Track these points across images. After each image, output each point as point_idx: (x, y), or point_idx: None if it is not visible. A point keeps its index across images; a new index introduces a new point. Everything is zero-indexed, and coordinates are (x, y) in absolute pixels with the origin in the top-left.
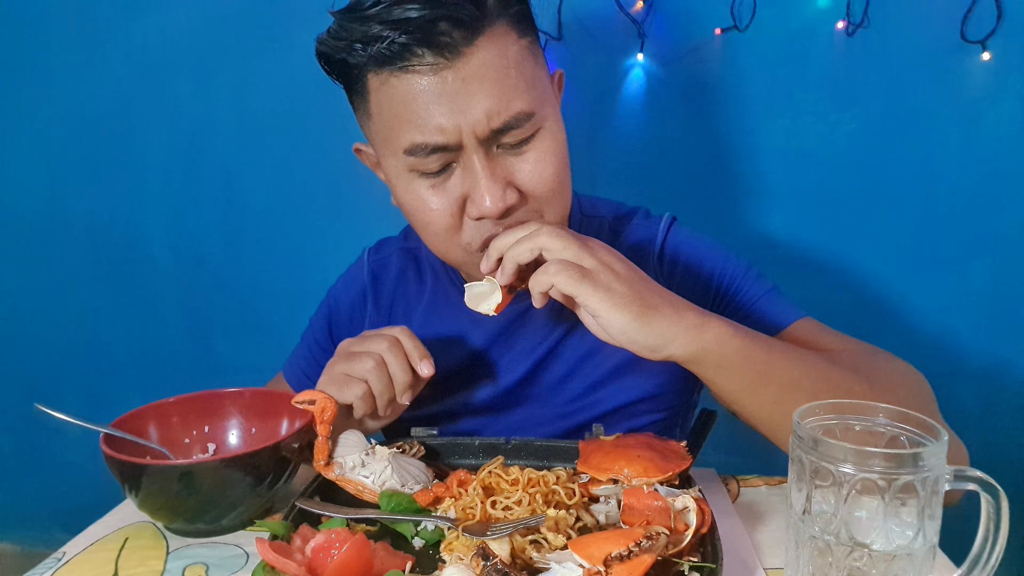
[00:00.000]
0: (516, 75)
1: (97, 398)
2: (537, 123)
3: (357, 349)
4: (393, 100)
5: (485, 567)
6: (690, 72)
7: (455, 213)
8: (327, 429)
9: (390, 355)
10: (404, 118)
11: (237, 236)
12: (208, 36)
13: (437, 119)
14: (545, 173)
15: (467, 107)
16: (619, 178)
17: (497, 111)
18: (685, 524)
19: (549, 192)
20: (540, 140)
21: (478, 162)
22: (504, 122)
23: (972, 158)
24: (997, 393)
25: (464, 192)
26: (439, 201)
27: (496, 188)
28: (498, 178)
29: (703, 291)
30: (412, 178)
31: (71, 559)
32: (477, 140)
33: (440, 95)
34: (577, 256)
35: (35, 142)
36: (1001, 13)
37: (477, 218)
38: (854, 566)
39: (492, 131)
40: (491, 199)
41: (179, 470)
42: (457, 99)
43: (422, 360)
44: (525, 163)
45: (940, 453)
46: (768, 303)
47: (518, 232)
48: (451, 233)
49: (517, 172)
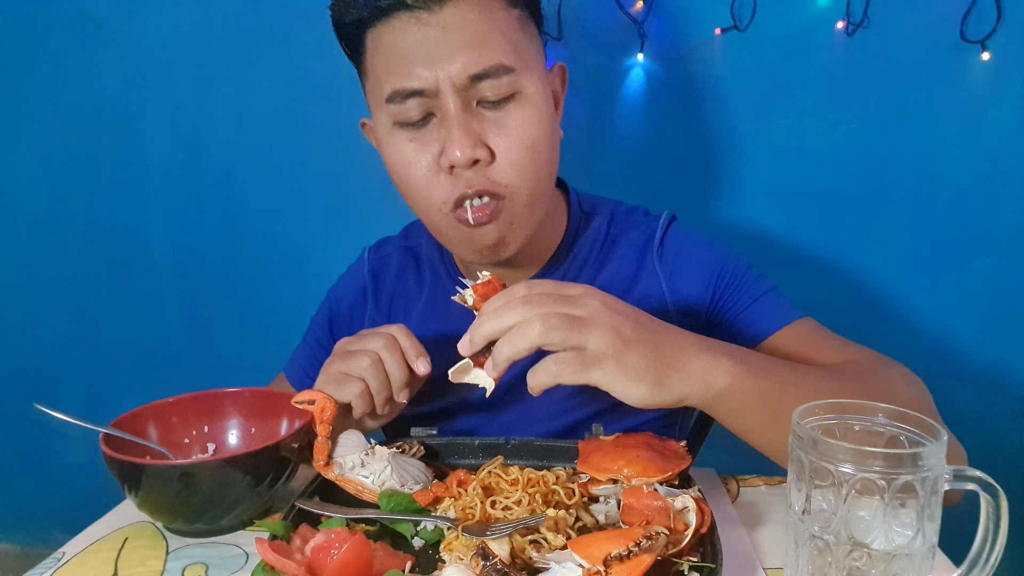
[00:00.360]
0: (499, 35)
1: (97, 398)
2: (517, 84)
3: (354, 348)
4: (381, 52)
5: (485, 567)
6: (690, 72)
7: (431, 167)
8: (327, 429)
9: (386, 353)
10: (389, 67)
11: (237, 236)
12: (208, 36)
13: (416, 66)
14: (519, 138)
15: (445, 55)
16: (619, 178)
17: (475, 60)
18: (685, 524)
19: (519, 159)
20: (520, 105)
21: (453, 111)
22: (481, 69)
23: (972, 158)
24: (997, 394)
25: (441, 145)
26: (417, 154)
27: (466, 138)
28: (471, 130)
29: (703, 289)
30: (395, 131)
31: (71, 559)
32: (453, 88)
33: (420, 43)
34: (579, 341)
35: (35, 141)
36: (1001, 13)
37: (449, 168)
38: (853, 566)
39: (469, 78)
40: (460, 148)
41: (179, 470)
42: (436, 46)
43: (419, 358)
44: (500, 124)
45: (939, 453)
46: (768, 303)
47: (505, 316)
48: (429, 189)
49: (491, 131)
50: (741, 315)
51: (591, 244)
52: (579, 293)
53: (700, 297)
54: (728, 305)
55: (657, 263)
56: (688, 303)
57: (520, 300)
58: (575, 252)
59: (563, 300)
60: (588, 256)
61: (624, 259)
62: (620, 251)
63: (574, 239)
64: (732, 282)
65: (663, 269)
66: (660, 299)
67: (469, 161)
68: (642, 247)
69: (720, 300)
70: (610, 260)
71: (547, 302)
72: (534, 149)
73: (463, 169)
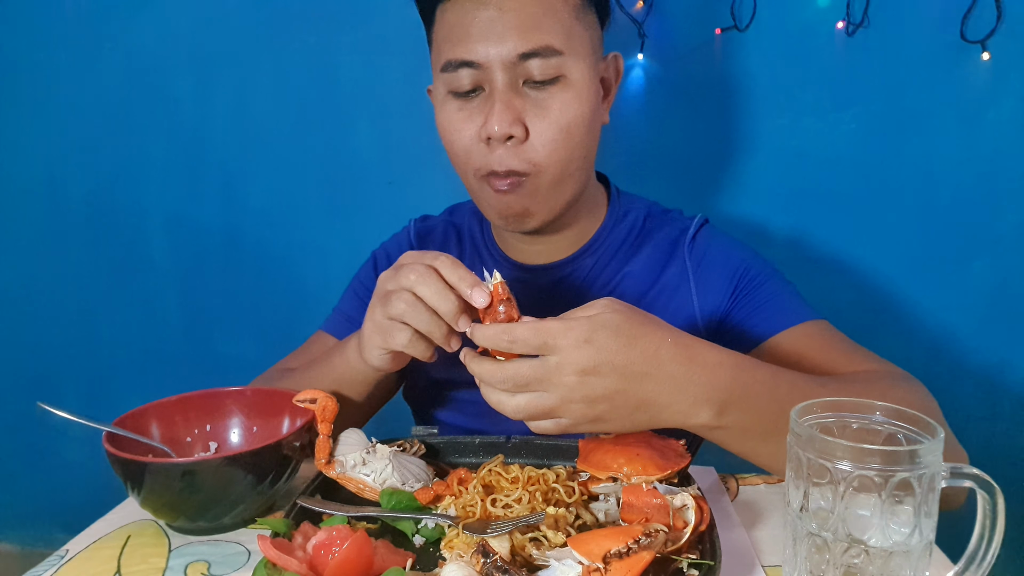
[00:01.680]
0: (552, 19)
1: (97, 397)
2: (563, 67)
3: (391, 287)
4: (444, 25)
5: (485, 564)
6: (690, 72)
7: (473, 136)
8: (328, 428)
9: (423, 287)
10: (448, 39)
11: (237, 236)
12: (208, 36)
13: (471, 41)
14: (556, 120)
15: (498, 33)
16: (619, 178)
17: (525, 40)
18: (684, 522)
19: (552, 140)
20: (563, 88)
21: (499, 87)
22: (529, 49)
23: (972, 158)
24: (997, 393)
25: (484, 117)
26: (463, 123)
27: (506, 113)
28: (512, 107)
29: (726, 285)
30: (448, 99)
31: (74, 557)
32: (502, 64)
33: (478, 20)
34: (555, 417)
35: (35, 140)
36: (1001, 13)
37: (486, 139)
38: (851, 563)
39: (517, 56)
40: (499, 122)
41: (181, 468)
42: (491, 25)
43: (473, 289)
44: (541, 105)
45: (936, 450)
46: (781, 301)
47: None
48: (469, 155)
49: (531, 111)
50: (755, 312)
51: (625, 234)
52: (556, 362)
53: (722, 292)
54: (745, 301)
55: (687, 257)
56: (710, 297)
57: (501, 375)
58: (609, 240)
59: (538, 381)
60: (621, 245)
61: (656, 250)
62: (653, 243)
63: (610, 229)
64: (753, 280)
65: (692, 262)
66: (686, 291)
67: (504, 136)
68: (674, 240)
69: (738, 296)
70: (642, 250)
71: (522, 384)
72: (568, 132)
73: (498, 143)
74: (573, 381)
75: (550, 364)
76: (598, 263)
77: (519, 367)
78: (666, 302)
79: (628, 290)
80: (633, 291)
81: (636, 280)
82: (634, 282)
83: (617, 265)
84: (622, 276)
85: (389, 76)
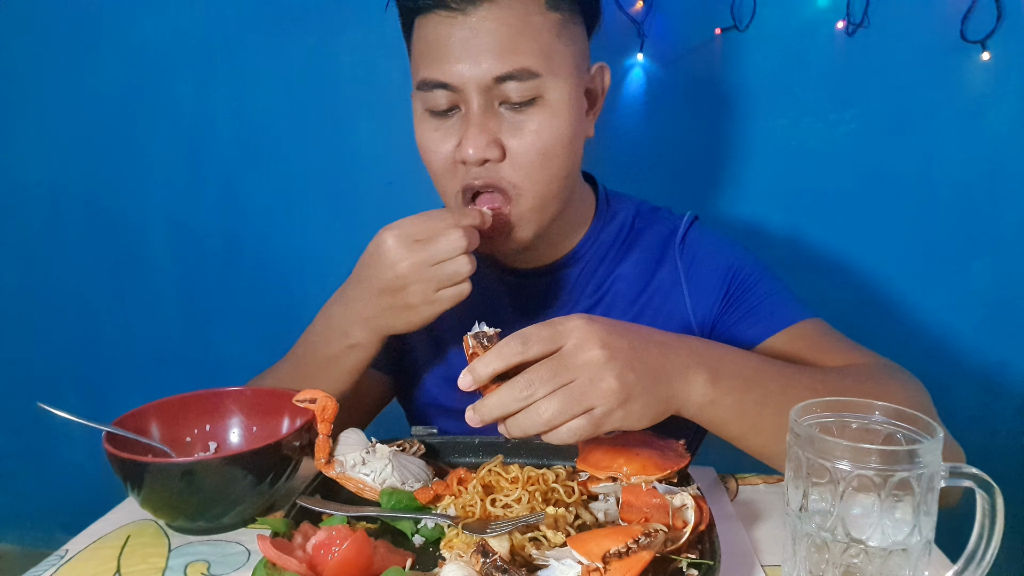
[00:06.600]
0: (529, 39)
1: (97, 397)
2: (541, 88)
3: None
4: (420, 41)
5: (485, 564)
6: (690, 72)
7: (448, 156)
8: (328, 427)
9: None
10: (425, 56)
11: (237, 236)
12: (208, 36)
13: (445, 62)
14: (532, 143)
15: (472, 55)
16: (619, 178)
17: (500, 63)
18: (683, 521)
19: (529, 163)
20: (541, 110)
21: (474, 109)
22: (504, 72)
23: (972, 158)
24: (997, 393)
25: (460, 138)
26: (439, 143)
27: (480, 137)
28: (487, 129)
29: (718, 285)
30: (425, 118)
31: (74, 556)
32: (477, 87)
33: (452, 40)
34: (586, 408)
35: (35, 141)
36: (1001, 13)
37: (461, 161)
38: (850, 562)
39: (492, 79)
40: (473, 145)
41: (181, 468)
42: (465, 46)
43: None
44: (518, 127)
45: (935, 450)
46: (775, 302)
47: (510, 393)
48: (446, 178)
49: (507, 132)
50: (747, 315)
51: (615, 235)
52: (573, 344)
53: (714, 295)
54: (737, 305)
55: (678, 257)
56: (703, 300)
57: (522, 382)
58: (599, 243)
59: (562, 369)
60: (611, 247)
61: (646, 251)
62: (643, 244)
63: (599, 231)
64: (746, 280)
65: (683, 263)
66: (679, 294)
67: (479, 160)
68: (664, 241)
69: (730, 299)
70: (632, 251)
71: (547, 379)
72: (546, 155)
73: (473, 165)
74: (597, 355)
75: (568, 348)
76: (588, 266)
77: (535, 367)
78: (659, 305)
79: (621, 293)
80: (626, 293)
81: (628, 283)
82: (626, 284)
83: (608, 268)
84: (613, 279)
85: (389, 76)
